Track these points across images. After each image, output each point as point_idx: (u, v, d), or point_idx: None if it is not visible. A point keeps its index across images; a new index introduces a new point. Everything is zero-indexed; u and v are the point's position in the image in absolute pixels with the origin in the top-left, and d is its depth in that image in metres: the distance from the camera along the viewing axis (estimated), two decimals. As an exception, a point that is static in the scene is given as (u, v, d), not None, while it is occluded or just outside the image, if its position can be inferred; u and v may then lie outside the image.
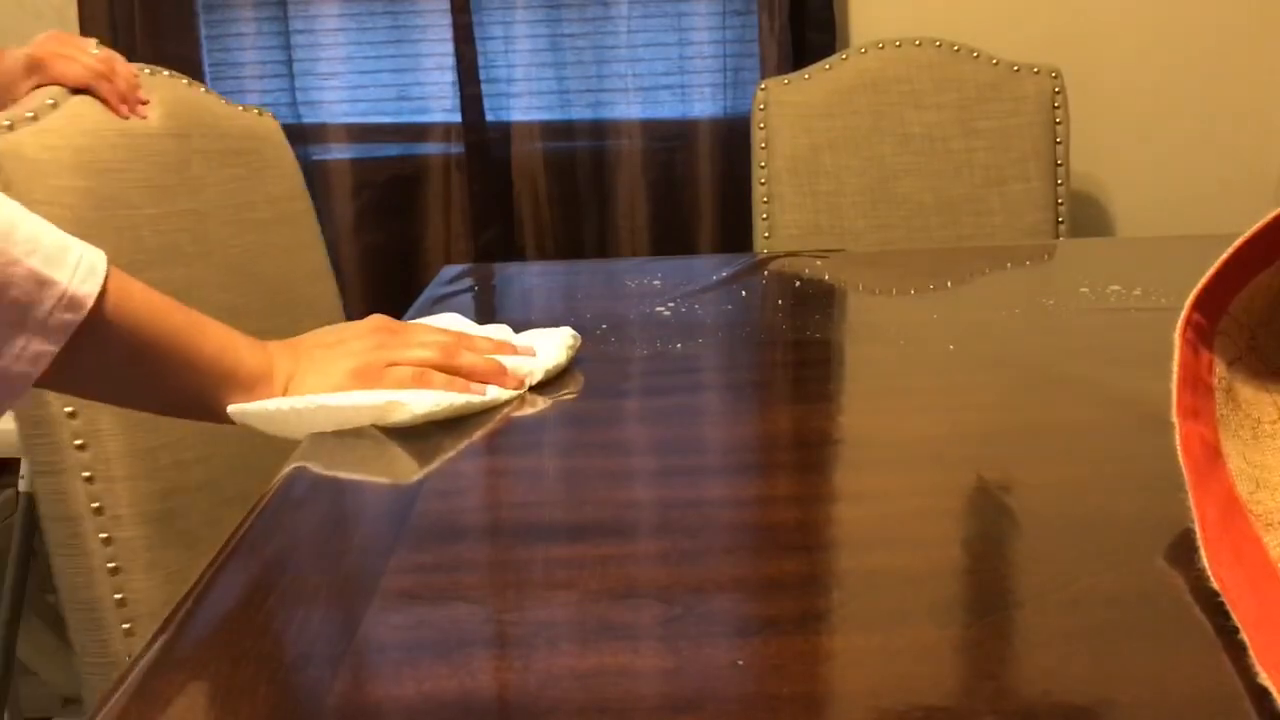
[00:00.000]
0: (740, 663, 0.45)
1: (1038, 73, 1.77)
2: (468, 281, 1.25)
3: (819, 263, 1.23)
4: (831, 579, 0.54)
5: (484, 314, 1.14)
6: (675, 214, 2.01)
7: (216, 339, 0.73)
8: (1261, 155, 1.98)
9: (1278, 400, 0.56)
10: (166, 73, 1.20)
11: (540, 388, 0.82)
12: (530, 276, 1.31)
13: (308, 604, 0.53)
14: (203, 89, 1.25)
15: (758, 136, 1.78)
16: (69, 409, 0.95)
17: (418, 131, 2.05)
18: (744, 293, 1.10)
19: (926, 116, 1.79)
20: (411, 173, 2.02)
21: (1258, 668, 0.42)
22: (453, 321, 0.89)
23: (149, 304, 0.70)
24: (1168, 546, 0.53)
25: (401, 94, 2.05)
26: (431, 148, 2.03)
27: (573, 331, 0.87)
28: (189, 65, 2.00)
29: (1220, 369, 0.56)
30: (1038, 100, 1.77)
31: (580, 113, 2.01)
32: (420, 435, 0.73)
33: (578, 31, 1.99)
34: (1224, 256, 0.54)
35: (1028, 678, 0.44)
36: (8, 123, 0.98)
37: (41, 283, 0.64)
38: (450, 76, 1.99)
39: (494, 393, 0.77)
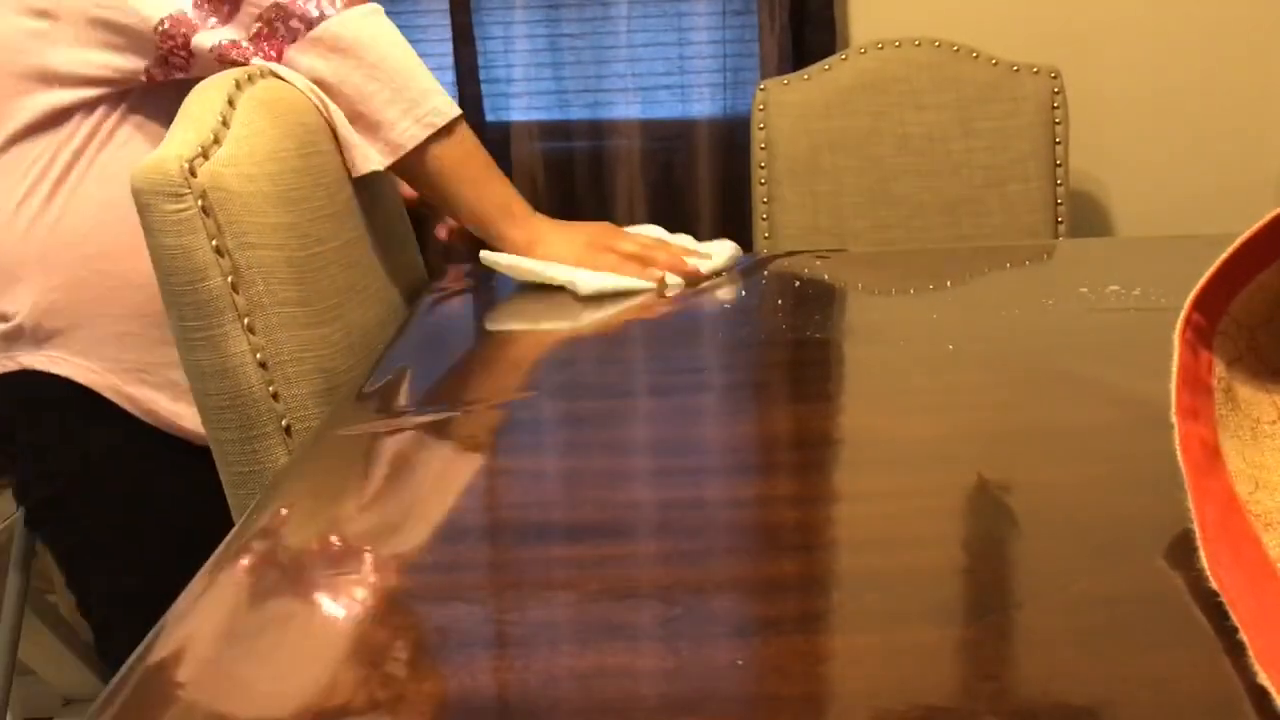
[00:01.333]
0: (740, 663, 0.45)
1: (1037, 73, 1.77)
2: (468, 281, 1.25)
3: (819, 263, 1.23)
4: (831, 579, 0.54)
5: (483, 312, 1.14)
6: (674, 214, 2.01)
7: (505, 193, 1.16)
8: (1261, 155, 1.98)
9: (1277, 400, 0.56)
10: (274, 72, 1.04)
11: (544, 383, 0.82)
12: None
13: (308, 604, 0.53)
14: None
15: (757, 137, 1.78)
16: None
17: (418, 131, 2.05)
18: (744, 293, 1.10)
19: (926, 117, 1.79)
20: (411, 173, 2.02)
21: (1257, 668, 0.42)
22: (652, 230, 1.24)
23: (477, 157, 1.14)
24: (1168, 546, 0.53)
25: (401, 94, 2.05)
26: (431, 147, 2.03)
27: (736, 246, 1.21)
28: (189, 65, 2.00)
29: (1220, 369, 0.56)
30: (1037, 100, 1.77)
31: (579, 113, 2.01)
32: (421, 434, 0.74)
33: (577, 31, 1.99)
34: (1223, 256, 0.54)
35: (1028, 678, 0.44)
36: (200, 149, 0.88)
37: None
38: (450, 77, 1.99)
39: (672, 280, 1.12)
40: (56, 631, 1.87)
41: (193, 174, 0.86)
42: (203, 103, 0.93)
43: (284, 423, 0.89)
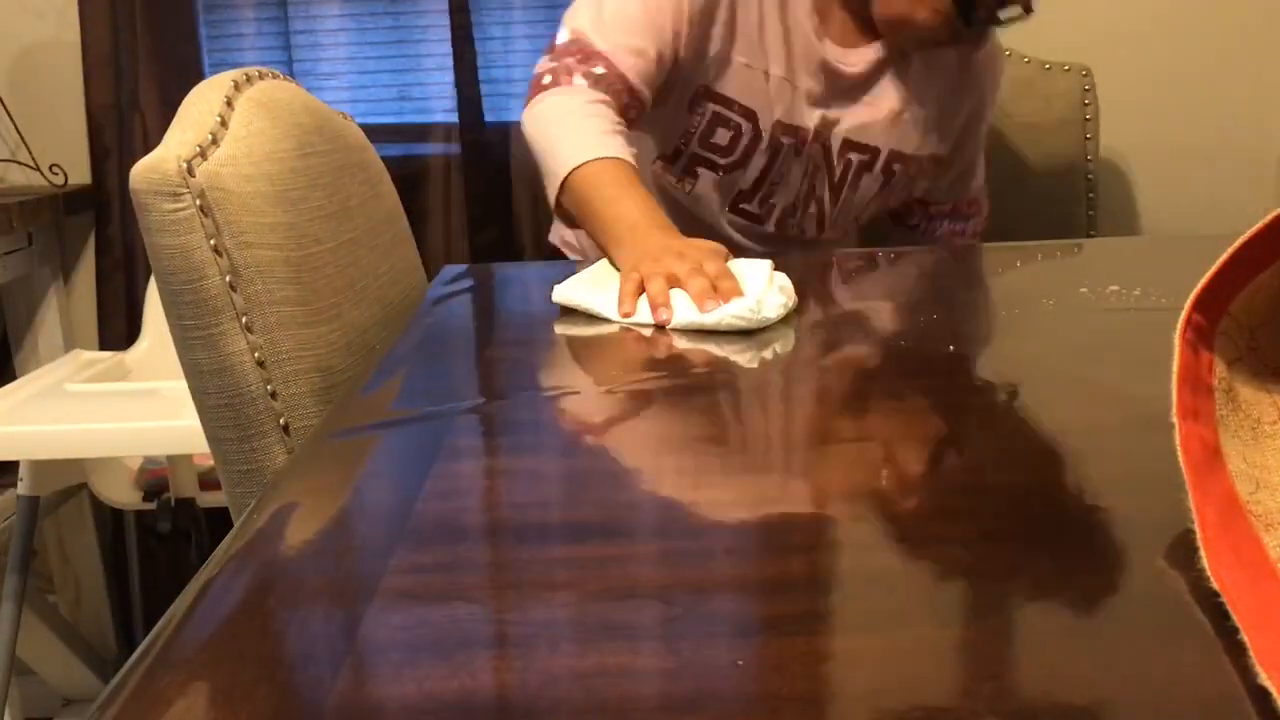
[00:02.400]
0: (740, 663, 0.45)
1: (1068, 70, 1.77)
2: (467, 282, 1.25)
3: (819, 263, 1.23)
4: (832, 579, 0.54)
5: (483, 312, 1.14)
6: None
7: (625, 216, 1.15)
8: (1261, 155, 1.98)
9: (1278, 401, 0.56)
10: (273, 73, 1.08)
11: (543, 383, 0.82)
12: (529, 276, 1.31)
13: (308, 604, 0.53)
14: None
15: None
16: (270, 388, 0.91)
17: (418, 132, 2.05)
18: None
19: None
20: (411, 173, 2.02)
21: (1258, 668, 0.42)
22: (749, 266, 1.09)
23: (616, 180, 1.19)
24: (1168, 546, 0.53)
25: (402, 94, 2.05)
26: (431, 148, 2.03)
27: (783, 287, 1.03)
28: (189, 65, 2.00)
29: (1220, 369, 0.56)
30: (1068, 98, 1.77)
31: (580, 113, 2.01)
32: (421, 433, 0.74)
33: (578, 32, 1.99)
34: (1224, 256, 0.54)
35: (1028, 678, 0.44)
36: (198, 149, 0.89)
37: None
38: (450, 77, 1.99)
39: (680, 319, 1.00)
40: (57, 631, 1.87)
41: (191, 174, 0.87)
42: (201, 103, 0.93)
43: (282, 421, 0.90)
